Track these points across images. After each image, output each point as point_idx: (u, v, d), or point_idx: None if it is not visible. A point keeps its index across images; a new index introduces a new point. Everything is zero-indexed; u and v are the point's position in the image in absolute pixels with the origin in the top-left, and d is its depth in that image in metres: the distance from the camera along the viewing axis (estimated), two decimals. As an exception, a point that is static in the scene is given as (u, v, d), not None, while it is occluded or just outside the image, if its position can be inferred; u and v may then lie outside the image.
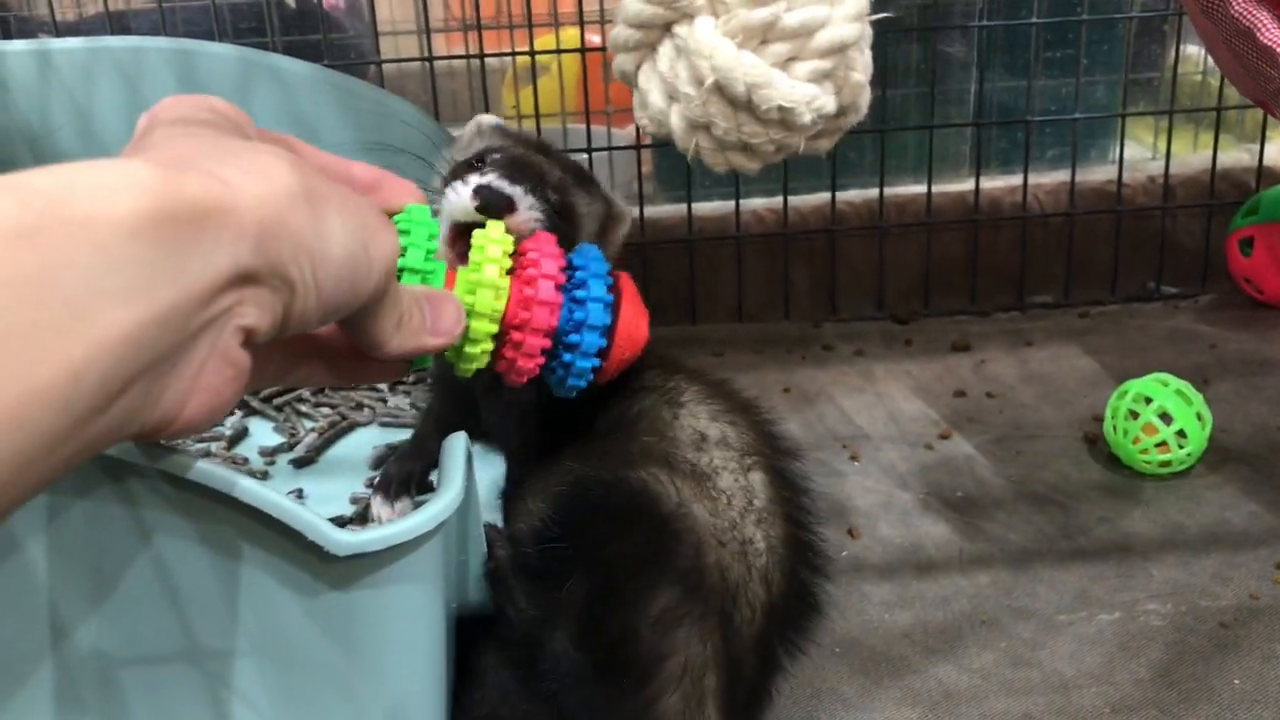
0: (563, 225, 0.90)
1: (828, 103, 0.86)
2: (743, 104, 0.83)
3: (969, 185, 1.70)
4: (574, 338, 0.71)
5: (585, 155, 1.61)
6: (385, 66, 1.64)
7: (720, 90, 0.83)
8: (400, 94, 1.88)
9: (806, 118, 0.84)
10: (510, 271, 0.70)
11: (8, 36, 1.63)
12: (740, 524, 0.83)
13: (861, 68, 0.89)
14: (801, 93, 0.83)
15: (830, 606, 0.95)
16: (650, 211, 1.69)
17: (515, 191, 0.86)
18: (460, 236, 0.83)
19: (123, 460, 0.61)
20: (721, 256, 1.71)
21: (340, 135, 1.50)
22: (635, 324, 0.75)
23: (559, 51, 1.84)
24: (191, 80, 1.49)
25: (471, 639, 0.81)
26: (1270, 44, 1.04)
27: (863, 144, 1.70)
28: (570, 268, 0.73)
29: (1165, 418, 1.23)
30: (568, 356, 0.71)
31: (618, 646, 0.74)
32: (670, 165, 1.81)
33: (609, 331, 0.72)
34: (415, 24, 1.62)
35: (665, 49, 0.86)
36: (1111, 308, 1.73)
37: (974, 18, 1.70)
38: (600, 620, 0.75)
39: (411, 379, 1.45)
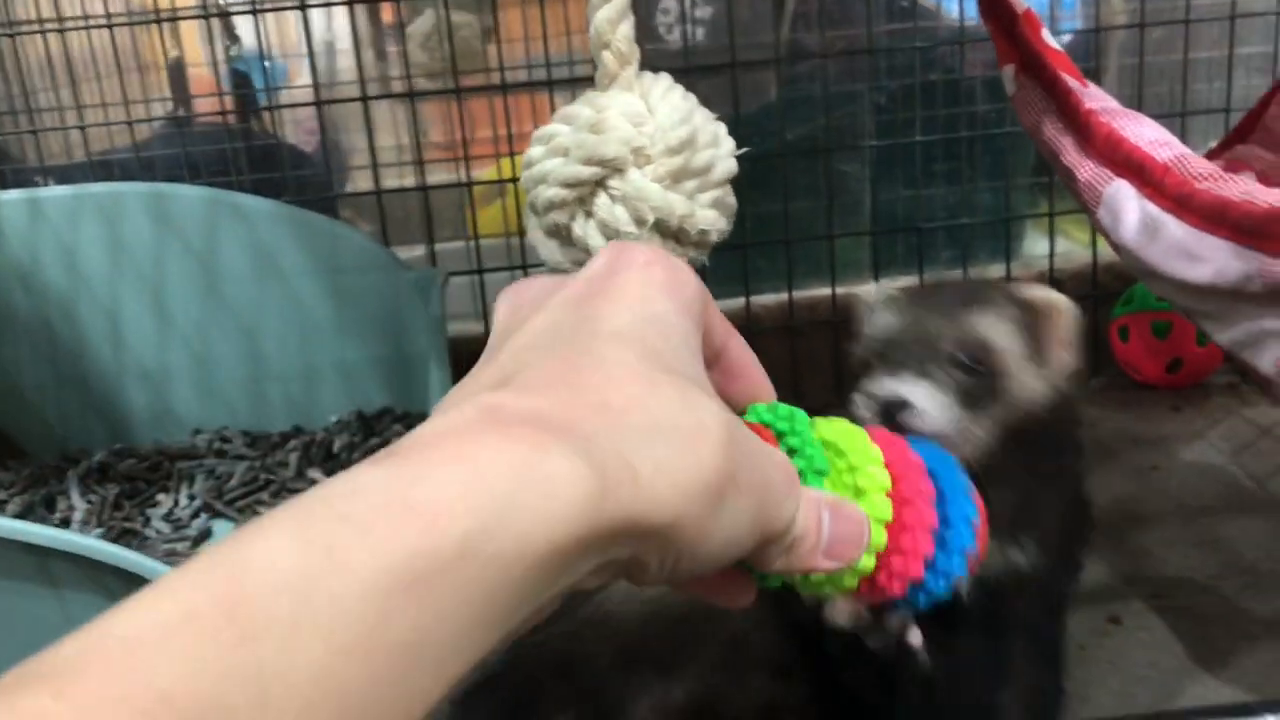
0: (983, 387, 0.91)
1: (725, 222, 1.07)
2: (672, 233, 1.03)
3: (871, 286, 1.87)
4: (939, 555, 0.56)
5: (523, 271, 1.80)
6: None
7: (658, 224, 1.02)
8: (360, 221, 2.08)
9: (714, 237, 1.06)
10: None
11: (4, 185, 1.82)
12: None
13: (731, 194, 1.10)
14: (713, 217, 1.05)
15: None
16: (583, 319, 1.86)
17: (917, 394, 0.89)
18: None
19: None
20: (649, 358, 1.87)
21: (296, 262, 1.70)
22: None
23: (500, 181, 2.03)
24: (165, 218, 1.68)
25: None
26: (1069, 165, 1.21)
27: (773, 253, 1.88)
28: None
29: (1019, 492, 1.38)
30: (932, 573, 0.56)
31: None
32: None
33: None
34: (367, 159, 1.82)
35: (602, 199, 1.03)
36: (1009, 393, 1.89)
37: (865, 138, 1.89)
38: None
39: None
